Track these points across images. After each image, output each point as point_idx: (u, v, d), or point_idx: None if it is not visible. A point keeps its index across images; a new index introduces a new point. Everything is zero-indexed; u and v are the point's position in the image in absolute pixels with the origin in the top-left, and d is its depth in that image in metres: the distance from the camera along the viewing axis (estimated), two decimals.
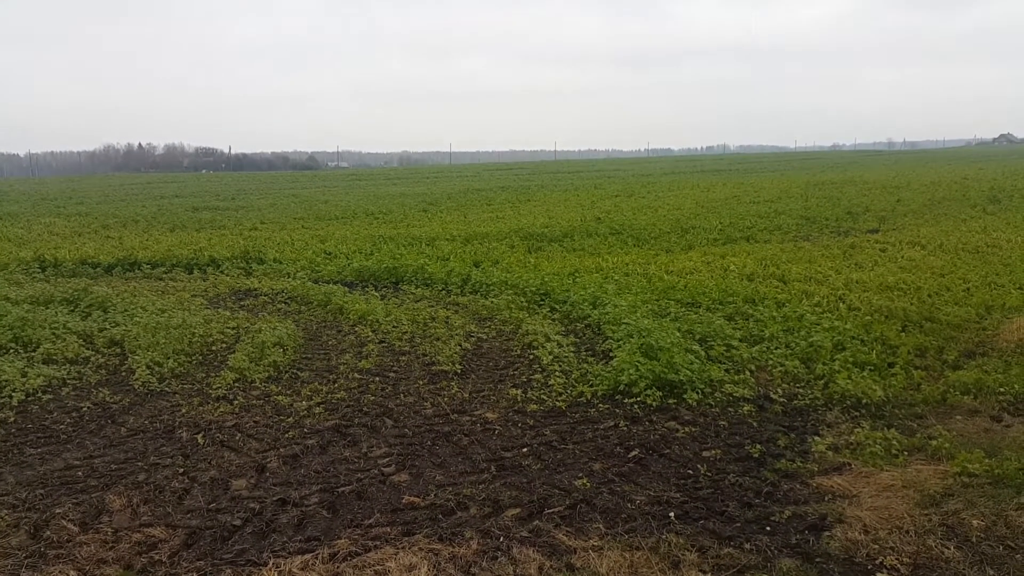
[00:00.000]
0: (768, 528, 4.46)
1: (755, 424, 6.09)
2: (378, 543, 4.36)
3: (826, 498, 4.78)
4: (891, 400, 6.45)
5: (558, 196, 32.45)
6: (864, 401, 6.37)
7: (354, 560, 4.17)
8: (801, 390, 6.79)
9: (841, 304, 9.63)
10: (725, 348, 7.83)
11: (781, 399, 6.58)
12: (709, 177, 47.21)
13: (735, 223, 19.47)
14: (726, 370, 7.24)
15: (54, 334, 9.30)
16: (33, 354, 8.59)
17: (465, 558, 4.17)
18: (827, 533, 4.33)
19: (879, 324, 8.55)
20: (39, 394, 7.28)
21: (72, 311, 10.91)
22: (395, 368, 7.96)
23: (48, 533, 4.61)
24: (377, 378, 7.60)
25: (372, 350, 8.59)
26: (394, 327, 9.60)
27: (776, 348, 7.88)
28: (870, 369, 7.08)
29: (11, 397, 7.12)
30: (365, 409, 6.71)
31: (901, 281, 10.97)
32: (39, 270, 15.37)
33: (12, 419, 6.68)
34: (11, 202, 40.44)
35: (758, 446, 5.60)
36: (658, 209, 24.13)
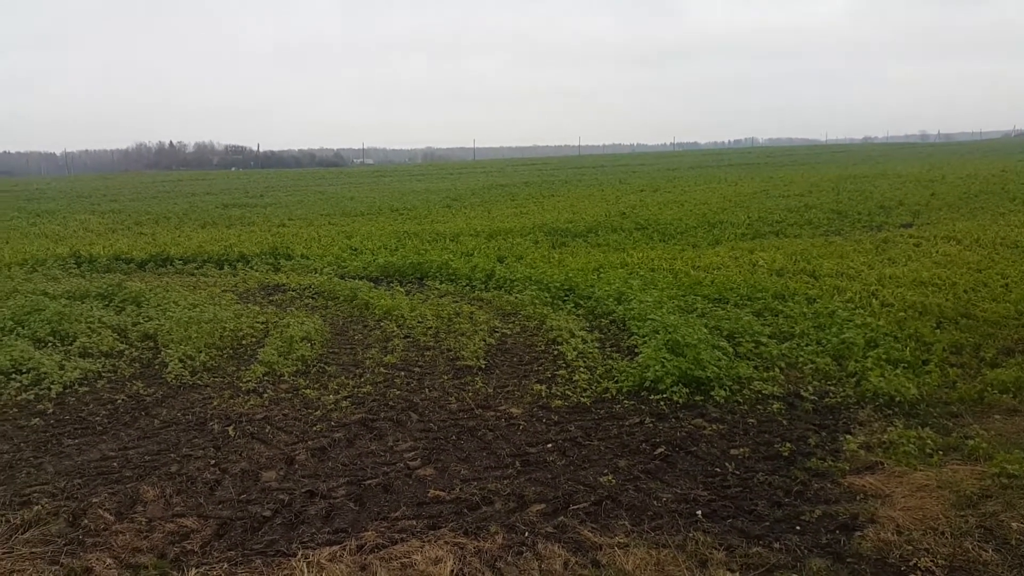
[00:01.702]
0: (798, 527, 4.41)
1: (785, 422, 6.02)
2: (404, 536, 4.40)
3: (858, 498, 4.71)
4: (926, 398, 6.34)
5: (582, 191, 32.33)
6: (897, 399, 6.27)
7: (381, 552, 4.21)
8: (832, 388, 6.70)
9: (874, 300, 9.49)
10: (754, 345, 7.75)
11: (812, 397, 6.50)
12: (737, 171, 46.73)
13: (764, 217, 19.26)
14: (755, 367, 7.17)
15: (90, 328, 9.49)
16: (70, 347, 8.77)
17: (490, 552, 4.19)
18: (859, 533, 4.28)
19: (913, 320, 8.41)
20: (76, 386, 7.44)
21: (107, 306, 11.12)
22: (420, 363, 8.00)
23: (86, 522, 4.71)
24: (402, 373, 7.65)
25: (397, 345, 8.65)
26: (419, 322, 9.64)
27: (806, 345, 7.78)
28: (904, 367, 6.96)
29: (50, 389, 7.28)
30: (391, 403, 6.76)
31: (936, 277, 10.77)
32: (75, 266, 15.67)
33: (51, 410, 6.83)
34: (48, 199, 41.27)
35: (788, 444, 5.54)
36: (684, 204, 23.94)
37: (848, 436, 5.64)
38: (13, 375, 7.75)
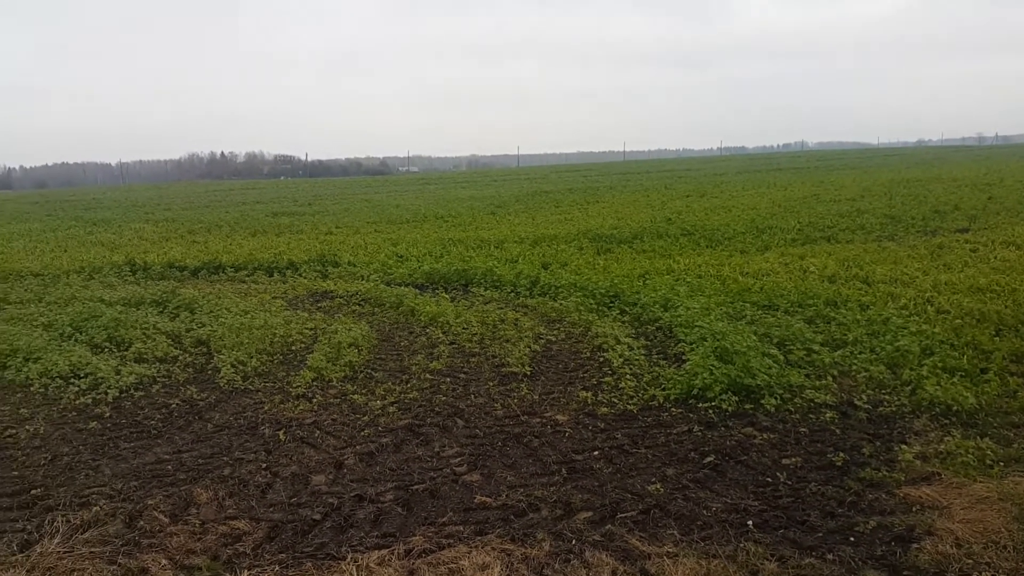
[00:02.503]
0: (852, 539, 4.31)
1: (838, 431, 5.89)
2: (452, 541, 4.41)
3: (914, 509, 4.59)
4: (984, 408, 6.14)
5: (627, 197, 32.15)
6: (955, 408, 6.08)
7: (428, 557, 4.23)
8: (887, 396, 6.54)
9: (929, 307, 9.24)
10: (805, 352, 7.60)
11: (865, 406, 6.35)
12: (786, 175, 45.96)
13: (814, 223, 18.90)
14: (806, 375, 7.03)
15: (145, 334, 9.75)
16: (126, 353, 9.03)
17: (537, 559, 4.17)
18: (915, 545, 4.16)
19: (971, 328, 8.16)
20: (132, 391, 7.65)
21: (161, 312, 11.42)
22: (465, 369, 8.03)
23: (141, 523, 4.83)
24: (448, 379, 7.69)
25: (443, 351, 8.69)
26: (464, 329, 9.69)
27: (860, 352, 7.61)
28: (961, 375, 6.76)
29: (107, 393, 7.50)
30: (437, 409, 6.80)
31: (994, 283, 10.43)
32: (130, 273, 16.14)
33: (108, 414, 7.03)
34: (104, 208, 42.60)
35: (841, 454, 5.42)
36: (732, 209, 23.63)
37: (903, 446, 5.49)
38: (72, 379, 8.01)
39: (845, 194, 27.29)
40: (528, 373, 7.75)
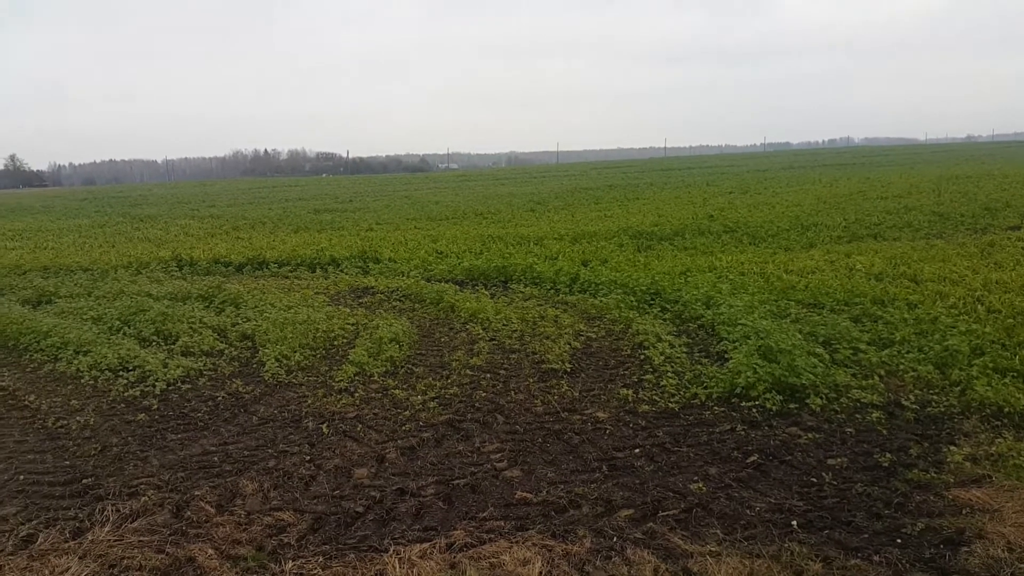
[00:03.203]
0: (899, 541, 4.23)
1: (885, 432, 5.77)
2: (493, 536, 4.43)
3: (964, 511, 4.48)
4: None
5: (668, 194, 31.88)
6: (1006, 410, 5.91)
7: (470, 551, 4.25)
8: (935, 397, 6.38)
9: (979, 306, 8.99)
10: (851, 351, 7.46)
11: (913, 406, 6.21)
12: (832, 172, 45.14)
13: (860, 220, 18.53)
14: (853, 374, 6.90)
15: (191, 328, 9.96)
16: (173, 346, 9.24)
17: (579, 556, 4.17)
18: (965, 549, 4.06)
19: (1023, 327, 7.93)
20: (179, 384, 7.82)
21: (207, 307, 11.66)
22: (505, 365, 8.05)
23: (188, 513, 4.94)
24: (488, 375, 7.71)
25: (483, 347, 8.72)
26: (504, 325, 9.70)
27: (907, 352, 7.44)
28: (1013, 376, 6.56)
29: (154, 386, 7.68)
30: (477, 405, 6.83)
31: None
32: (176, 268, 16.51)
33: (155, 406, 7.20)
34: (150, 205, 43.61)
35: (888, 455, 5.31)
36: (776, 206, 23.28)
37: (952, 447, 5.36)
38: (120, 372, 8.22)
39: (892, 191, 26.71)
40: (568, 370, 7.74)
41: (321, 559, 4.27)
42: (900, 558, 4.03)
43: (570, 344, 8.63)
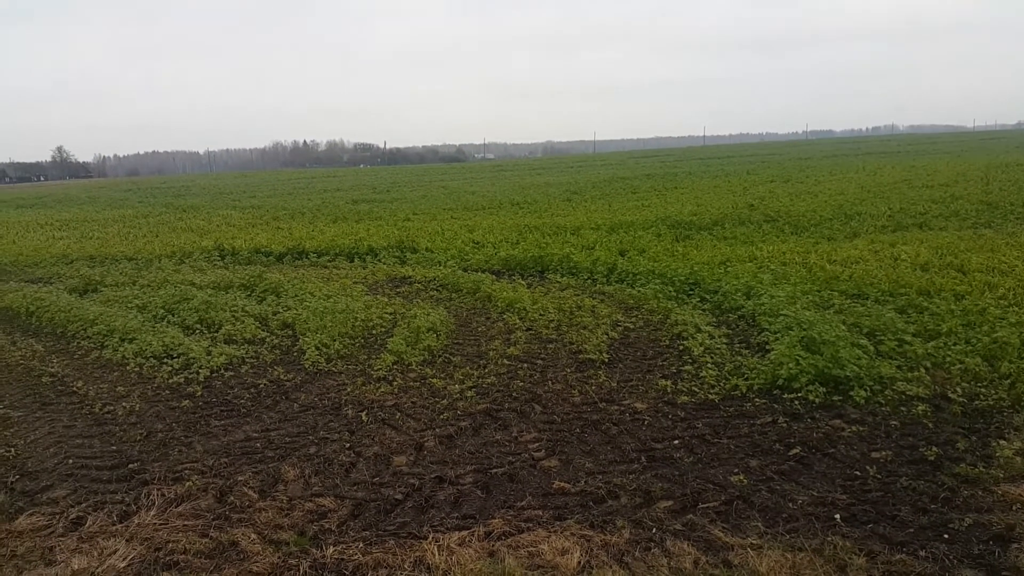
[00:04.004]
0: (946, 536, 4.13)
1: (931, 425, 5.64)
2: (531, 525, 4.43)
3: (1013, 507, 4.35)
4: None
5: (707, 183, 31.49)
6: None
7: (508, 540, 4.26)
8: (983, 390, 6.21)
9: None
10: (896, 343, 7.29)
11: (960, 399, 6.05)
12: (876, 160, 44.18)
13: (905, 209, 18.11)
14: (898, 367, 6.75)
15: (234, 316, 10.13)
16: (216, 334, 9.40)
17: (617, 546, 4.15)
18: (1015, 545, 3.96)
19: None
20: (222, 371, 7.96)
21: (249, 295, 11.85)
22: (542, 355, 8.04)
23: (232, 498, 5.03)
24: (525, 364, 7.71)
25: (520, 337, 8.72)
26: (541, 315, 9.69)
27: (955, 344, 7.25)
28: None
29: (198, 373, 7.83)
30: (514, 394, 6.83)
31: None
32: (219, 258, 16.80)
33: (199, 393, 7.33)
34: (193, 196, 44.41)
35: (934, 448, 5.18)
36: (818, 195, 22.85)
37: (1002, 442, 5.21)
38: (165, 359, 8.40)
39: (938, 179, 26.05)
40: (606, 360, 7.70)
41: (361, 545, 4.32)
42: (947, 554, 3.94)
43: (607, 334, 8.58)
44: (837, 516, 4.38)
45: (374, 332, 9.32)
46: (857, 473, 4.95)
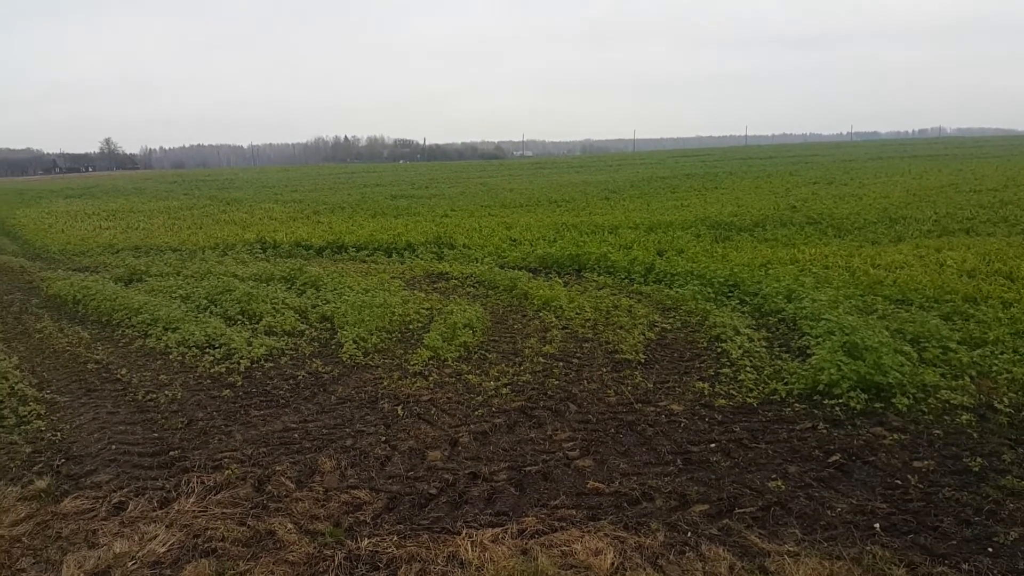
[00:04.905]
0: (990, 549, 4.02)
1: (975, 435, 5.50)
2: (564, 524, 4.42)
3: None
4: None
5: (748, 183, 31.09)
6: None
7: (541, 538, 4.26)
8: None
9: None
10: (941, 351, 7.13)
11: (1007, 409, 5.89)
12: (922, 163, 43.20)
13: (952, 213, 17.67)
14: (942, 374, 6.59)
15: (274, 308, 10.29)
16: (257, 326, 9.56)
17: (652, 549, 4.12)
18: None
19: None
20: (262, 362, 8.09)
21: (289, 288, 12.02)
22: (578, 354, 8.02)
23: (269, 487, 5.11)
24: (561, 363, 7.69)
25: (555, 335, 8.71)
26: (577, 314, 9.66)
27: (1002, 353, 7.06)
28: None
29: (239, 364, 7.96)
30: (549, 393, 6.82)
31: None
32: (260, 251, 17.07)
33: (240, 383, 7.46)
34: (236, 189, 45.15)
35: (979, 459, 5.06)
36: (862, 197, 22.42)
37: None
38: (207, 349, 8.56)
39: (986, 184, 25.36)
40: (642, 361, 7.65)
41: (396, 538, 4.36)
42: (991, 568, 3.84)
43: (644, 335, 8.53)
44: (877, 525, 4.30)
45: (411, 327, 9.39)
46: (898, 482, 4.85)
